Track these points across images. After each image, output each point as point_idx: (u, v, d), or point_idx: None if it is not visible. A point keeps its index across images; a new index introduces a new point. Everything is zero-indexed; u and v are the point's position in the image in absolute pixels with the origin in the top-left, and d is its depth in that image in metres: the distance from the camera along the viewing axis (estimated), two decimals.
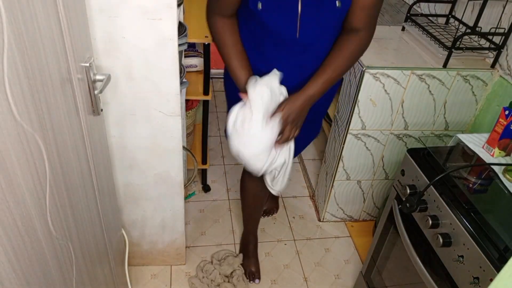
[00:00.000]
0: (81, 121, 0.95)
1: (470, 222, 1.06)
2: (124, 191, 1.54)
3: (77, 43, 0.88)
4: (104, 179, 1.19)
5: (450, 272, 1.10)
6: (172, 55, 1.23)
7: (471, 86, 1.68)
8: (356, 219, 2.15)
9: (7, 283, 0.66)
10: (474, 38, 1.75)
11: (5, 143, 0.62)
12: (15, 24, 0.63)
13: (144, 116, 1.35)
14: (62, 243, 0.87)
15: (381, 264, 1.51)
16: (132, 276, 1.77)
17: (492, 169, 1.24)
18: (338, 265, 1.93)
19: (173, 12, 1.15)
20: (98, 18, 1.12)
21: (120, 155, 1.43)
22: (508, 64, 1.59)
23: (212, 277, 1.75)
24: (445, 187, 1.17)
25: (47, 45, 0.74)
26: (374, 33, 1.21)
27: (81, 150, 0.97)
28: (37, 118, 0.72)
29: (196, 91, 1.83)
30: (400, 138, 1.82)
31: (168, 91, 1.30)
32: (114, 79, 1.24)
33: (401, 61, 1.66)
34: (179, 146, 1.45)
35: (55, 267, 0.84)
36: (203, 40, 1.64)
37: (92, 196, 1.07)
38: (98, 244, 1.15)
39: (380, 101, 1.68)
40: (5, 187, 0.63)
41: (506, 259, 0.94)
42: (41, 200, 0.76)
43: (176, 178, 1.54)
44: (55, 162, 0.81)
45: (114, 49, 1.19)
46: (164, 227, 1.69)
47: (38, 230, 0.76)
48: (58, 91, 0.81)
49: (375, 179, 1.97)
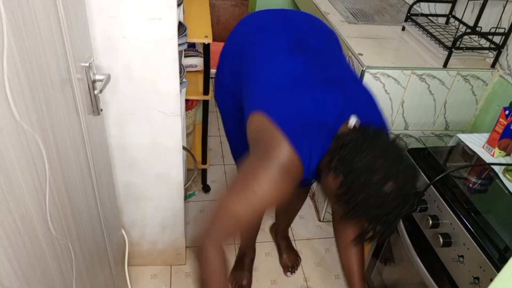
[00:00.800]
0: (81, 121, 0.95)
1: (470, 222, 1.06)
2: (124, 191, 1.54)
3: (77, 43, 0.88)
4: (104, 179, 1.19)
5: (450, 272, 1.10)
6: (172, 55, 1.23)
7: (471, 86, 1.68)
8: None
9: (7, 283, 0.66)
10: (474, 38, 1.75)
11: (5, 143, 0.62)
12: (15, 24, 0.63)
13: (144, 116, 1.35)
14: (62, 243, 0.87)
15: (381, 264, 1.51)
16: (132, 276, 1.77)
17: (492, 169, 1.24)
18: (338, 265, 1.92)
19: (173, 12, 1.15)
20: (98, 18, 1.12)
21: (120, 155, 1.43)
22: (508, 64, 1.59)
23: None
24: (445, 187, 1.17)
25: (47, 45, 0.74)
26: None
27: (80, 150, 0.97)
28: (37, 118, 0.72)
29: (196, 91, 1.83)
30: (400, 138, 1.82)
31: (168, 91, 1.30)
32: (114, 79, 1.24)
33: (401, 61, 1.66)
34: (179, 146, 1.45)
35: (55, 267, 0.84)
36: (203, 40, 1.64)
37: (92, 196, 1.07)
38: (98, 244, 1.15)
39: (380, 101, 1.66)
40: (5, 187, 0.63)
41: (506, 259, 0.94)
42: (41, 200, 0.76)
43: (176, 178, 1.54)
44: (55, 162, 0.81)
45: (114, 49, 1.19)
46: (164, 227, 1.69)
47: (38, 230, 0.76)
48: (58, 91, 0.81)
49: None
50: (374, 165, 0.81)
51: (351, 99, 0.96)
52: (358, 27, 1.95)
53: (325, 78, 0.94)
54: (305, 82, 0.94)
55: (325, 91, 0.92)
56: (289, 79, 0.95)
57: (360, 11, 2.14)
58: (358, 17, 2.06)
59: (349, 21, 2.00)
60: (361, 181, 0.81)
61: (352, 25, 1.96)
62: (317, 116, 0.89)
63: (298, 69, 0.97)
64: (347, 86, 0.97)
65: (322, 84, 0.93)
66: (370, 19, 2.04)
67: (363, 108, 0.96)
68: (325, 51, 1.04)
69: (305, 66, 0.97)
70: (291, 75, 0.96)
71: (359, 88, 1.01)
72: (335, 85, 0.94)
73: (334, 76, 0.96)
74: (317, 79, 0.94)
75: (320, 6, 2.17)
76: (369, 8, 2.21)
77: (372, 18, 2.06)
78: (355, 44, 1.76)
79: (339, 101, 0.93)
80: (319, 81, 0.94)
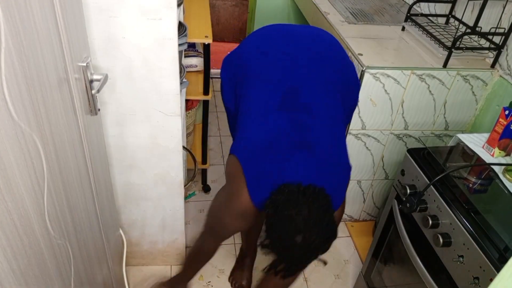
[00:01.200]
0: (79, 120, 0.95)
1: (470, 222, 1.06)
2: (124, 191, 1.54)
3: (74, 43, 0.88)
4: (101, 179, 1.19)
5: (450, 272, 1.10)
6: (172, 55, 1.23)
7: (471, 86, 1.68)
8: (356, 219, 2.14)
9: (5, 283, 0.66)
10: (474, 38, 1.74)
11: (2, 143, 0.62)
12: (13, 23, 0.63)
13: (144, 116, 1.35)
14: (60, 243, 0.87)
15: (381, 264, 1.51)
16: (132, 276, 1.77)
17: (492, 169, 1.24)
18: (338, 265, 1.92)
19: (173, 12, 1.15)
20: (97, 18, 1.12)
21: (120, 155, 1.43)
22: (508, 64, 1.59)
23: None
24: (445, 187, 1.17)
25: (44, 44, 0.74)
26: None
27: (78, 150, 0.97)
28: (35, 118, 0.72)
29: (196, 91, 1.83)
30: (400, 138, 1.82)
31: (168, 91, 1.30)
32: (114, 79, 1.24)
33: (401, 61, 1.65)
34: (179, 146, 1.45)
35: (53, 267, 0.84)
36: (203, 40, 1.64)
37: (90, 196, 1.07)
38: (96, 244, 1.15)
39: (380, 101, 1.68)
40: (3, 187, 0.63)
41: (506, 259, 0.94)
42: (39, 200, 0.76)
43: (176, 178, 1.54)
44: (53, 162, 0.81)
45: (114, 49, 1.19)
46: (164, 227, 1.69)
47: (36, 230, 0.76)
48: (56, 90, 0.81)
49: (375, 179, 1.96)
50: (294, 217, 0.94)
51: (319, 165, 1.08)
52: (358, 27, 1.95)
53: (299, 143, 1.08)
54: (281, 145, 1.08)
55: (296, 156, 1.07)
56: (269, 139, 1.10)
57: (360, 11, 2.14)
58: (358, 17, 2.06)
59: (349, 21, 2.00)
60: (279, 224, 0.96)
61: (352, 25, 1.96)
62: (282, 180, 1.02)
63: (280, 128, 1.11)
64: (319, 150, 1.10)
65: (295, 148, 1.08)
66: (370, 19, 2.04)
67: (326, 176, 1.08)
68: (311, 106, 1.15)
69: (287, 125, 1.11)
70: (273, 134, 1.10)
71: (331, 151, 1.13)
72: (308, 150, 1.08)
73: (308, 140, 1.10)
74: (292, 143, 1.08)
75: (320, 6, 2.17)
76: (369, 8, 2.21)
77: (372, 18, 2.06)
78: (355, 44, 1.76)
79: (306, 167, 1.06)
80: (294, 146, 1.08)
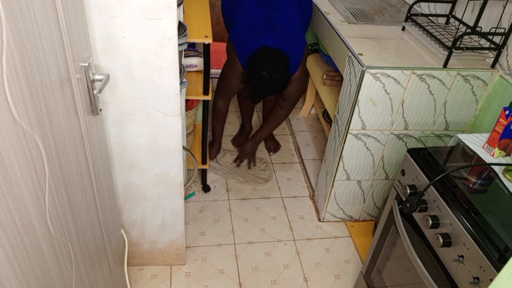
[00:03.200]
0: (80, 121, 0.95)
1: (470, 222, 1.06)
2: (124, 191, 1.54)
3: (76, 43, 0.88)
4: (103, 179, 1.19)
5: (450, 272, 1.10)
6: (172, 55, 1.23)
7: (471, 86, 1.68)
8: (356, 219, 2.15)
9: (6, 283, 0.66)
10: (474, 38, 1.75)
11: (4, 143, 0.62)
12: (14, 23, 0.63)
13: (144, 116, 1.35)
14: (61, 243, 0.87)
15: (381, 264, 1.51)
16: (132, 276, 1.77)
17: (492, 169, 1.24)
18: (338, 265, 1.93)
19: (173, 12, 1.15)
20: (98, 17, 1.12)
21: (120, 155, 1.43)
22: (508, 64, 1.59)
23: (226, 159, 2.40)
24: (445, 187, 1.17)
25: (46, 44, 0.74)
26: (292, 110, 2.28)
27: (80, 150, 0.97)
28: (36, 118, 0.72)
29: (196, 91, 1.83)
30: (400, 138, 1.82)
31: (168, 91, 1.30)
32: (114, 79, 1.24)
33: (401, 61, 1.66)
34: (179, 146, 1.45)
35: (54, 267, 0.84)
36: (203, 40, 1.64)
37: (91, 196, 1.07)
38: (97, 244, 1.15)
39: (380, 101, 1.68)
40: (4, 188, 0.63)
41: (506, 259, 0.94)
42: (40, 200, 0.76)
43: (176, 178, 1.54)
44: (54, 162, 0.81)
45: (114, 49, 1.19)
46: (164, 227, 1.69)
47: (38, 230, 0.76)
48: (57, 91, 0.81)
49: (375, 179, 1.96)
50: (264, 62, 1.84)
51: (281, 38, 1.92)
52: (358, 27, 1.95)
53: (268, 25, 1.91)
54: (257, 28, 1.93)
55: (266, 34, 1.90)
56: (251, 23, 1.95)
57: (360, 11, 2.14)
58: (358, 17, 2.06)
59: (349, 21, 2.00)
60: (254, 65, 1.85)
61: (352, 25, 1.96)
62: (259, 44, 1.89)
63: (258, 17, 1.94)
64: (280, 30, 1.94)
65: (266, 29, 1.91)
66: (370, 19, 2.04)
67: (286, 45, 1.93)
68: (278, 5, 1.97)
69: (261, 16, 1.94)
70: (254, 20, 1.95)
71: (290, 31, 1.97)
72: (274, 30, 1.91)
73: (274, 24, 1.93)
74: (264, 27, 1.92)
75: (320, 6, 2.17)
76: (369, 8, 2.21)
77: (372, 18, 2.06)
78: (355, 44, 1.76)
79: (273, 39, 1.90)
80: (265, 28, 1.91)
